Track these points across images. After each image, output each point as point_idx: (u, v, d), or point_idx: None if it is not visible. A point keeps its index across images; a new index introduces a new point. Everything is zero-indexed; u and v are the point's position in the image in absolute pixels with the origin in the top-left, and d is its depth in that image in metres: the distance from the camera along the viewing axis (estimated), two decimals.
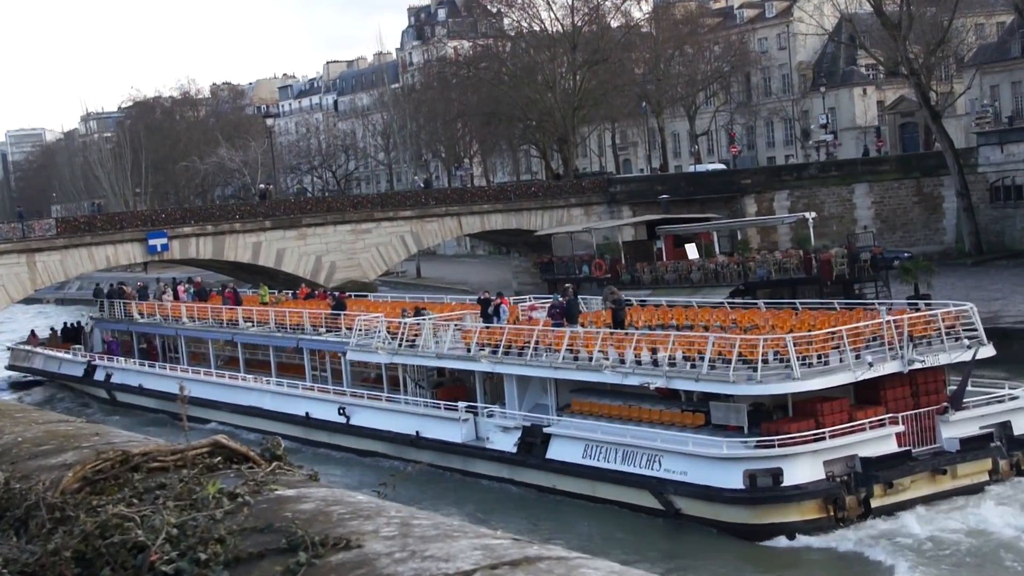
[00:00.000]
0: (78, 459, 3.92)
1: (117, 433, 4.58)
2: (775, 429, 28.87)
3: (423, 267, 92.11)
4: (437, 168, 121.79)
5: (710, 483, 28.83)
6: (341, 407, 40.98)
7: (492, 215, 70.06)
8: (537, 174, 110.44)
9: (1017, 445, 31.06)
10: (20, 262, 58.62)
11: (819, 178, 68.39)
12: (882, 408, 30.00)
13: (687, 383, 30.89)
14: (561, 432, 33.10)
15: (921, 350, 30.76)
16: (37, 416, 5.32)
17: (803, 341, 29.72)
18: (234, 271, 71.39)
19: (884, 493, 28.66)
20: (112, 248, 61.03)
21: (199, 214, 65.84)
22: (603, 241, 64.09)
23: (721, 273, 53.16)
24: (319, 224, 65.87)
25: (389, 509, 3.16)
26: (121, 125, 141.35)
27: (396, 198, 71.47)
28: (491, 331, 36.69)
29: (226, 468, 3.62)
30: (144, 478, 3.55)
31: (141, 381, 53.19)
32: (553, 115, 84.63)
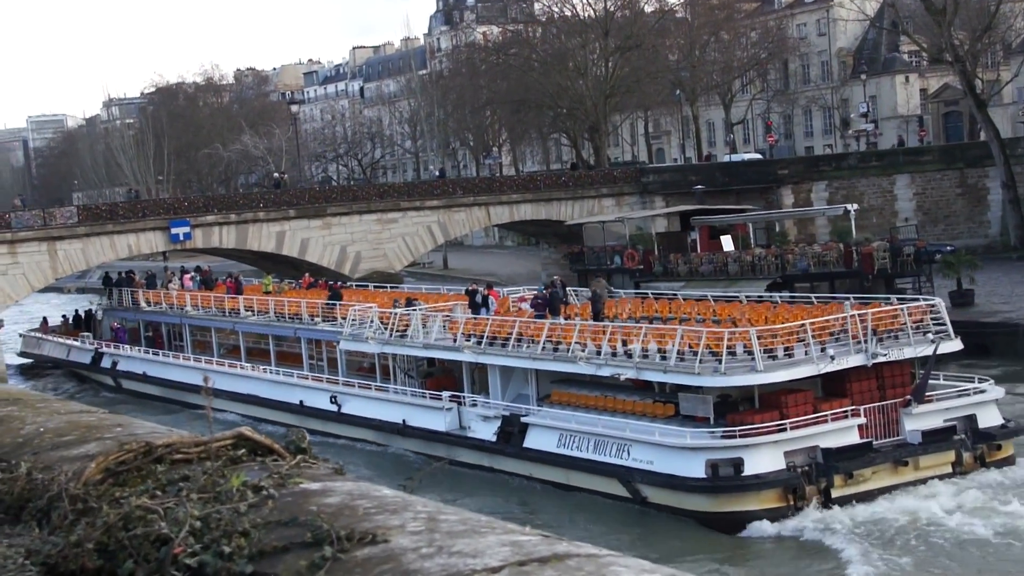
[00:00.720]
0: (101, 450, 3.96)
1: (140, 424, 4.61)
2: (740, 420, 30.29)
3: (450, 258, 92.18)
4: (465, 157, 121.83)
5: (674, 472, 30.25)
6: (333, 395, 42.68)
7: (521, 205, 70.01)
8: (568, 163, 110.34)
9: (982, 438, 32.14)
10: (41, 250, 59.02)
11: (859, 169, 68.03)
12: (847, 400, 31.19)
13: (656, 374, 32.28)
14: (538, 422, 34.74)
15: (888, 344, 31.93)
16: (59, 406, 5.36)
17: (767, 334, 31.03)
18: (257, 260, 71.63)
19: (845, 483, 29.85)
20: (134, 236, 61.39)
21: (222, 202, 66.08)
22: (636, 231, 63.99)
23: (758, 265, 53.00)
24: (344, 213, 66.00)
25: (416, 504, 3.18)
26: (143, 111, 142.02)
27: (423, 187, 71.54)
28: (476, 322, 38.18)
29: (250, 461, 3.65)
30: (167, 470, 3.58)
31: (145, 369, 55.24)
32: (584, 103, 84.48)
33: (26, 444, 4.52)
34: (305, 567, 2.83)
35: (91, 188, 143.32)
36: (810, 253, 52.25)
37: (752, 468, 29.56)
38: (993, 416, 32.95)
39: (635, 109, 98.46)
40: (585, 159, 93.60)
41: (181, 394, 51.22)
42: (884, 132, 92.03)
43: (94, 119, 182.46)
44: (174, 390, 51.97)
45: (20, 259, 58.47)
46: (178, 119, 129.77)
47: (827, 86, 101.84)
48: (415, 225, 67.71)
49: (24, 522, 3.65)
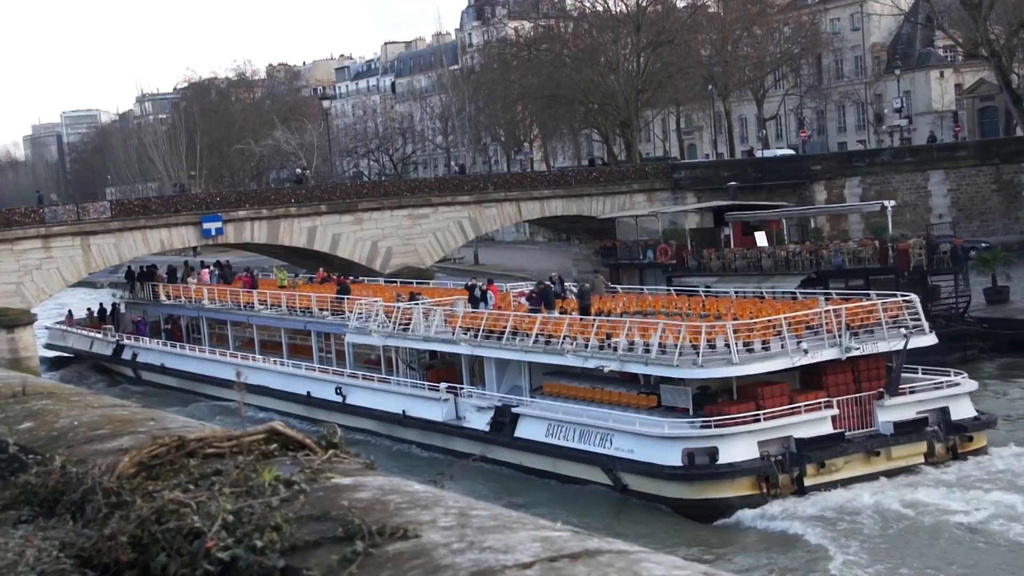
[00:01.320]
0: (134, 444, 3.99)
1: (173, 418, 4.64)
2: (717, 411, 31.83)
3: (481, 253, 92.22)
4: (496, 152, 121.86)
5: (653, 460, 31.72)
6: (338, 387, 44.48)
7: (552, 200, 69.99)
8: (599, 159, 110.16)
9: (954, 430, 33.44)
10: (75, 245, 59.48)
11: (892, 164, 67.61)
12: (823, 392, 32.59)
13: (638, 366, 33.80)
14: (528, 412, 36.34)
15: (863, 338, 33.26)
16: (93, 400, 5.40)
17: (743, 328, 32.54)
18: (289, 256, 71.88)
19: (817, 472, 31.27)
20: (166, 231, 61.73)
21: (254, 197, 66.34)
22: (669, 226, 63.87)
23: (792, 261, 52.80)
24: (375, 209, 66.14)
25: (447, 499, 3.18)
26: (176, 107, 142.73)
27: (454, 183, 71.62)
28: (473, 316, 39.77)
29: (282, 455, 3.66)
30: (200, 464, 3.60)
31: (163, 360, 57.47)
32: (616, 98, 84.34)
33: (60, 438, 4.56)
34: (336, 562, 2.84)
35: (124, 183, 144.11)
36: (845, 249, 52.00)
37: (727, 457, 30.91)
38: (966, 408, 34.14)
39: (667, 105, 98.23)
40: (616, 154, 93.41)
41: (197, 385, 53.66)
42: (918, 128, 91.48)
43: (127, 114, 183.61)
44: (191, 381, 54.46)
45: (54, 253, 58.99)
46: (210, 114, 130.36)
47: (861, 81, 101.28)
48: (446, 221, 67.79)
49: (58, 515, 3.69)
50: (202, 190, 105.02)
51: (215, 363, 52.87)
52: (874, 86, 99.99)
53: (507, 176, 76.35)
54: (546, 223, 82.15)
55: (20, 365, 52.97)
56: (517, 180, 72.18)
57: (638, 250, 61.65)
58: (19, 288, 58.21)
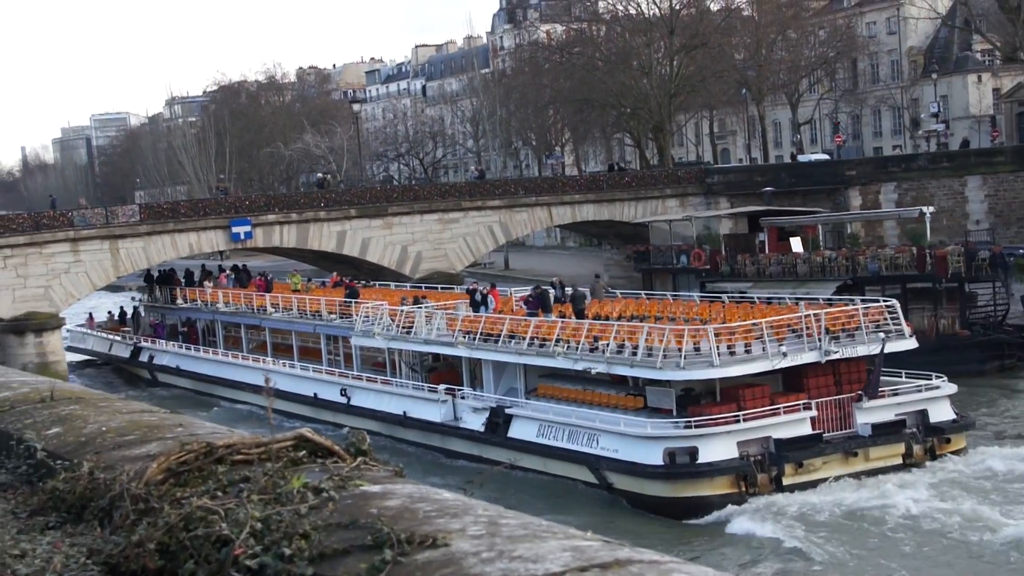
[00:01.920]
0: (162, 450, 4.00)
1: (201, 424, 4.66)
2: (699, 412, 33.31)
3: (511, 258, 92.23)
4: (527, 156, 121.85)
5: (636, 460, 33.24)
6: (343, 388, 46.21)
7: (583, 205, 69.95)
8: (631, 163, 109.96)
9: (932, 432, 34.85)
10: (103, 248, 59.73)
11: (929, 170, 67.19)
12: (804, 395, 34.03)
13: (624, 368, 35.26)
14: (521, 413, 38.00)
15: (844, 342, 34.64)
16: (121, 406, 5.42)
17: (725, 332, 33.93)
18: (318, 260, 72.07)
19: (795, 472, 32.75)
20: (195, 235, 61.98)
21: (283, 201, 66.58)
22: (703, 231, 63.73)
23: (828, 267, 52.57)
24: (405, 213, 66.25)
25: (476, 507, 3.18)
26: (206, 110, 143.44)
27: (485, 187, 71.64)
28: (472, 320, 41.38)
29: (310, 462, 3.67)
30: (228, 471, 3.61)
31: (178, 363, 59.24)
32: (648, 102, 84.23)
33: (88, 443, 4.58)
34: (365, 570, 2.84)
35: (153, 187, 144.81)
36: (882, 256, 51.71)
37: (706, 456, 32.36)
38: (945, 411, 35.56)
39: (700, 109, 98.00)
40: (649, 159, 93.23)
41: (211, 387, 55.67)
42: (955, 132, 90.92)
43: (157, 117, 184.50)
44: (205, 383, 56.38)
45: (83, 257, 59.30)
46: (240, 118, 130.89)
47: (897, 86, 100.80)
48: (476, 225, 67.84)
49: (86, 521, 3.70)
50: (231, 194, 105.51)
51: (229, 365, 55.03)
52: (910, 90, 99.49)
53: (538, 180, 76.36)
54: (577, 228, 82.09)
55: (48, 370, 53.36)
56: (548, 184, 72.17)
57: (671, 255, 61.51)
58: (47, 292, 58.55)
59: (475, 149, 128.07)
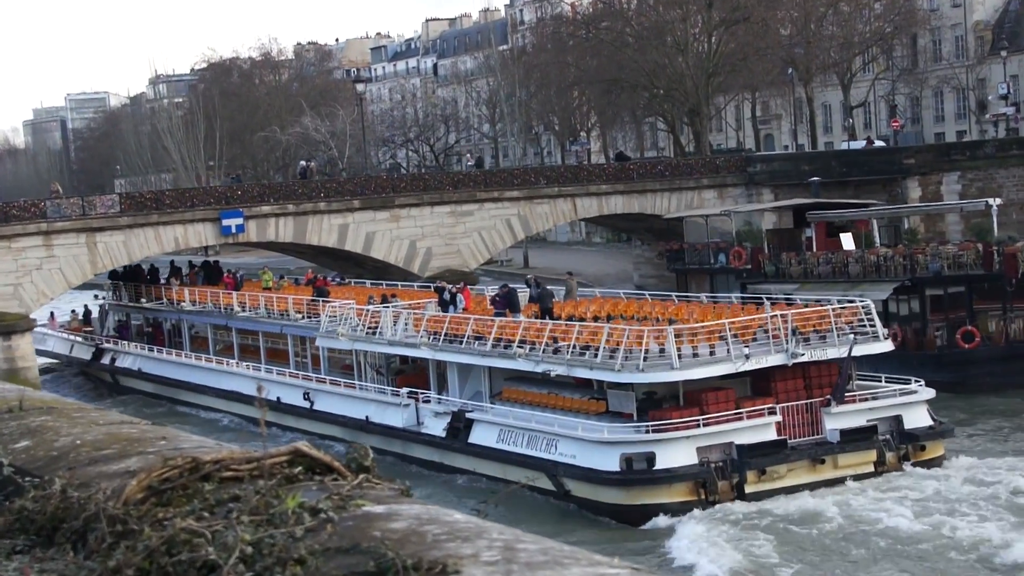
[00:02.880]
0: (143, 466, 4.00)
1: (186, 438, 4.67)
2: (659, 416, 35.17)
3: (531, 255, 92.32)
4: (549, 142, 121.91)
5: (592, 465, 35.16)
6: (306, 392, 48.51)
7: (611, 197, 69.97)
8: (664, 150, 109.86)
9: (907, 438, 36.73)
10: (79, 242, 59.75)
11: (997, 158, 66.99)
12: (771, 399, 35.92)
13: (584, 371, 37.16)
14: (482, 418, 40.15)
15: (814, 344, 36.47)
16: (97, 416, 5.43)
17: (686, 333, 35.74)
18: (317, 256, 72.22)
19: (759, 479, 34.64)
20: (181, 228, 62.07)
21: (279, 191, 66.64)
22: (743, 227, 63.66)
23: (883, 266, 52.40)
24: (414, 205, 66.34)
25: (491, 531, 3.17)
26: (194, 89, 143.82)
27: (502, 176, 71.71)
28: (437, 320, 43.39)
29: (307, 480, 3.67)
30: (216, 489, 3.61)
31: (141, 366, 61.71)
32: (684, 83, 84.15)
33: (61, 458, 4.58)
34: None
35: (135, 174, 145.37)
36: (944, 254, 51.40)
37: (664, 462, 34.17)
38: (921, 417, 37.36)
39: (741, 90, 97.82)
40: (684, 146, 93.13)
41: (175, 392, 58.08)
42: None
43: (139, 98, 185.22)
44: (169, 388, 58.72)
45: (56, 252, 59.23)
46: (232, 98, 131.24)
47: (961, 64, 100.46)
48: (492, 219, 67.90)
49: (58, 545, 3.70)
50: (222, 182, 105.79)
51: (193, 368, 57.51)
52: (977, 70, 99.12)
53: (561, 169, 76.37)
54: (604, 222, 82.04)
55: (17, 376, 53.45)
56: (572, 173, 72.19)
57: (708, 254, 61.46)
58: (17, 291, 58.63)
59: (491, 134, 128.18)
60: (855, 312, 37.95)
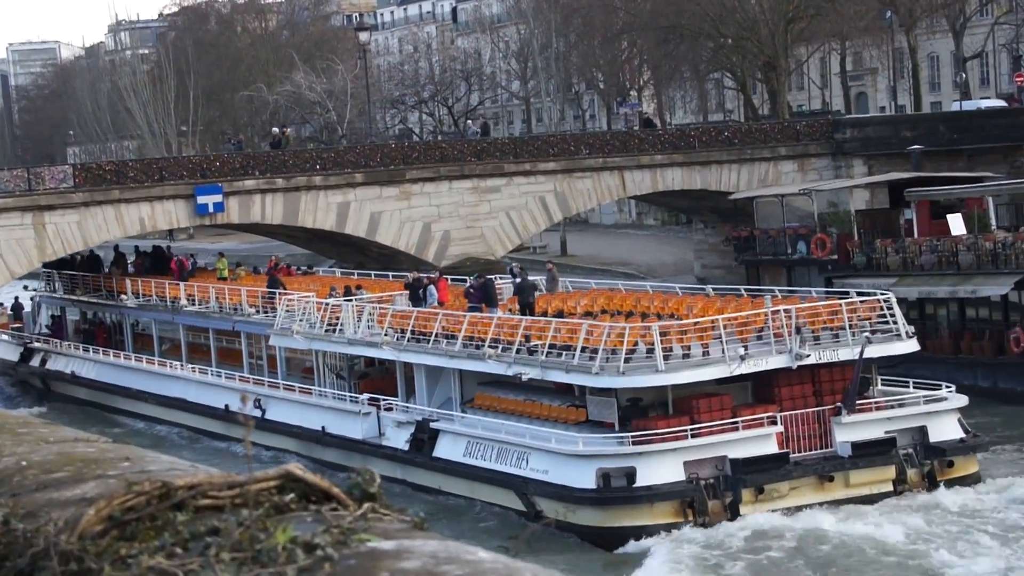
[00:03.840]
0: (102, 492, 4.02)
1: (154, 458, 4.68)
2: (644, 426, 36.64)
3: (570, 241, 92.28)
4: (593, 104, 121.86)
5: (565, 482, 36.67)
6: (257, 399, 49.90)
7: (668, 170, 69.81)
8: (732, 113, 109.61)
9: (932, 453, 37.90)
10: (24, 223, 59.79)
11: None
12: (774, 407, 37.25)
13: (559, 374, 38.84)
14: (449, 428, 41.88)
15: (825, 343, 38.08)
16: (47, 432, 5.46)
17: (674, 331, 37.33)
18: (312, 242, 72.41)
19: (755, 499, 35.99)
20: (148, 207, 62.10)
21: (265, 163, 66.70)
22: (827, 208, 63.41)
23: (1002, 256, 52.18)
24: (429, 179, 66.34)
25: (522, 572, 3.18)
26: (162, 39, 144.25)
27: (535, 144, 71.61)
28: (403, 315, 45.27)
29: (300, 509, 3.68)
30: (190, 519, 3.62)
31: (75, 368, 63.65)
32: (757, 31, 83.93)
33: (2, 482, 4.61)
34: None
35: (91, 141, 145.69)
36: None
37: (646, 478, 35.51)
38: (950, 428, 38.55)
39: (827, 39, 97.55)
40: (756, 107, 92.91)
41: (112, 398, 60.09)
42: None
43: (96, 49, 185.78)
44: (106, 395, 60.71)
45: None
46: (208, 50, 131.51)
47: None
48: (524, 196, 67.86)
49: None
50: (197, 151, 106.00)
51: (133, 372, 59.76)
52: None
53: (607, 136, 76.26)
54: (659, 200, 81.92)
55: None
56: (621, 141, 72.04)
57: (785, 241, 61.29)
58: None
59: (522, 94, 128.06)
60: (873, 307, 39.33)
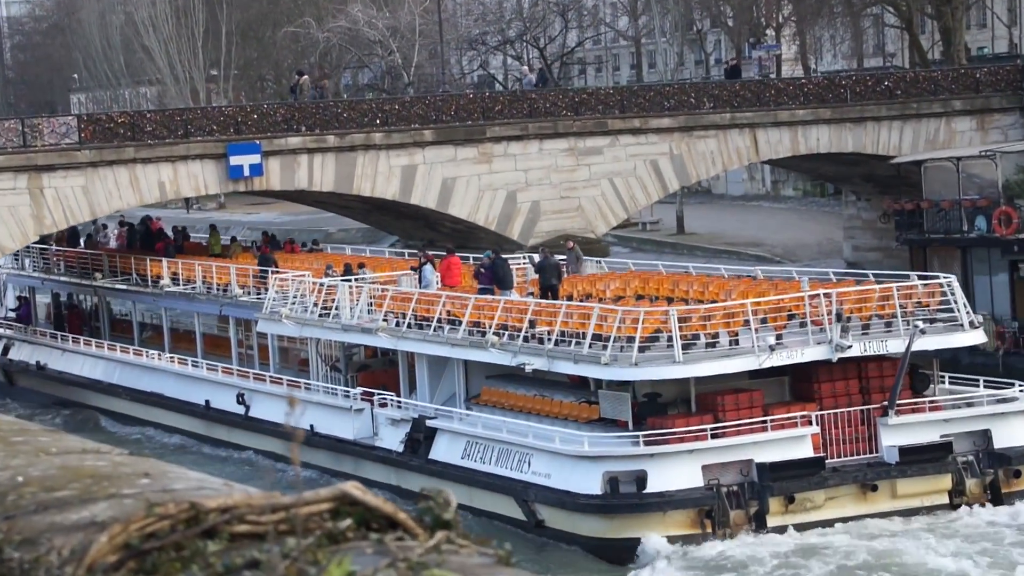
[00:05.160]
0: (116, 514, 4.05)
1: (180, 474, 4.70)
2: (660, 425, 39.07)
3: (688, 215, 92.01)
4: (719, 46, 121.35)
5: (569, 488, 39.09)
6: (240, 394, 53.54)
7: (811, 128, 69.45)
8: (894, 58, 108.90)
9: (997, 461, 39.77)
10: (18, 187, 59.78)
11: None
12: (813, 405, 39.68)
13: (567, 365, 41.61)
14: (446, 427, 44.67)
15: (875, 333, 40.48)
16: (48, 441, 5.48)
17: (693, 317, 40.13)
18: (369, 214, 72.51)
19: (785, 509, 38.16)
20: (169, 168, 62.11)
21: (314, 115, 66.78)
22: (1015, 175, 62.97)
23: None
24: (514, 137, 66.25)
25: None
26: None
27: (647, 95, 71.35)
28: (403, 297, 48.33)
29: (359, 538, 3.70)
30: (225, 549, 3.65)
31: (41, 358, 66.78)
32: None
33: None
34: None
35: (100, 87, 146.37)
36: None
37: (658, 484, 37.79)
38: (1019, 432, 40.33)
39: None
40: (925, 51, 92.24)
41: (85, 395, 62.99)
42: None
43: None
44: (77, 390, 63.54)
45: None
46: None
47: None
48: (632, 160, 67.71)
49: None
50: (230, 101, 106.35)
51: (108, 363, 62.81)
52: None
53: (736, 86, 75.90)
54: (801, 166, 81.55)
55: None
56: (753, 93, 71.72)
57: (960, 216, 60.88)
58: None
59: (632, 33, 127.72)
60: (931, 293, 42.00)
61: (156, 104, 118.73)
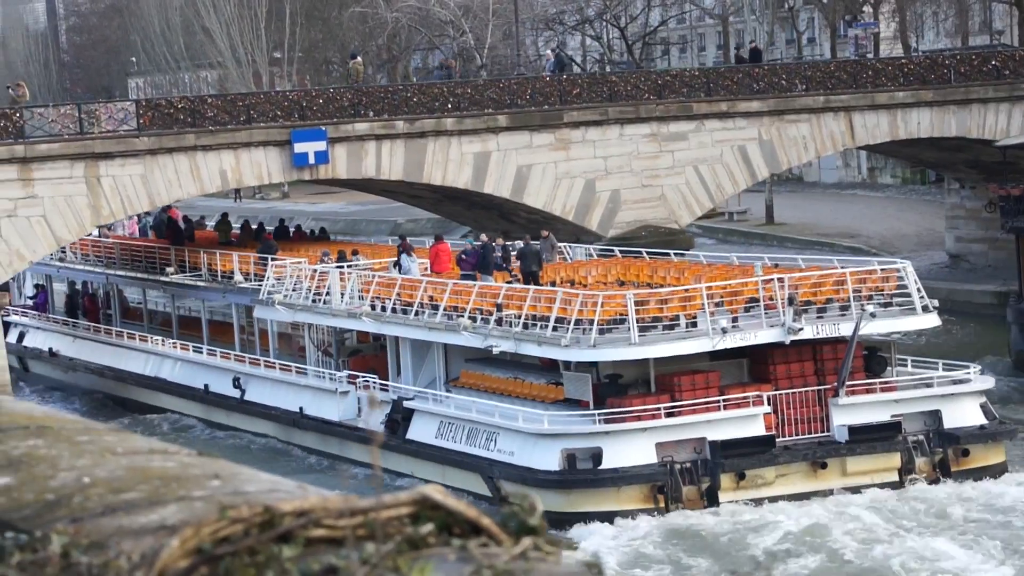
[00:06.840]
0: (187, 517, 4.07)
1: (252, 475, 4.71)
2: (619, 404, 42.93)
3: (779, 204, 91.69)
4: (813, 24, 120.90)
5: (530, 464, 43.20)
6: (236, 378, 58.23)
7: (912, 111, 69.12)
8: (1002, 35, 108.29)
9: (947, 440, 43.46)
10: (74, 176, 59.76)
11: None
12: (769, 386, 43.36)
13: (532, 347, 45.81)
14: (423, 408, 48.96)
15: (829, 317, 44.29)
16: (114, 440, 5.49)
17: (651, 299, 44.62)
18: (440, 204, 72.52)
19: (736, 485, 42.06)
20: (231, 156, 62.22)
21: (382, 100, 66.88)
22: None
23: None
24: (593, 123, 66.16)
25: None
26: None
27: (735, 77, 71.12)
28: (387, 283, 52.41)
29: (441, 544, 3.71)
30: (301, 555, 3.67)
31: (53, 345, 71.18)
32: None
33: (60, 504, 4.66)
34: None
35: (159, 71, 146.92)
36: None
37: (613, 460, 41.87)
38: (970, 413, 44.04)
39: None
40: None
41: (95, 381, 67.08)
42: None
43: None
44: (90, 376, 67.34)
45: (39, 191, 59.08)
46: None
47: None
48: (718, 145, 67.53)
49: None
50: (295, 86, 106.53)
51: (117, 350, 67.10)
52: None
53: (830, 66, 75.56)
54: (900, 152, 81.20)
55: None
56: (849, 74, 71.40)
57: None
58: None
59: (718, 10, 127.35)
60: (886, 278, 46.15)
61: (217, 89, 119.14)
